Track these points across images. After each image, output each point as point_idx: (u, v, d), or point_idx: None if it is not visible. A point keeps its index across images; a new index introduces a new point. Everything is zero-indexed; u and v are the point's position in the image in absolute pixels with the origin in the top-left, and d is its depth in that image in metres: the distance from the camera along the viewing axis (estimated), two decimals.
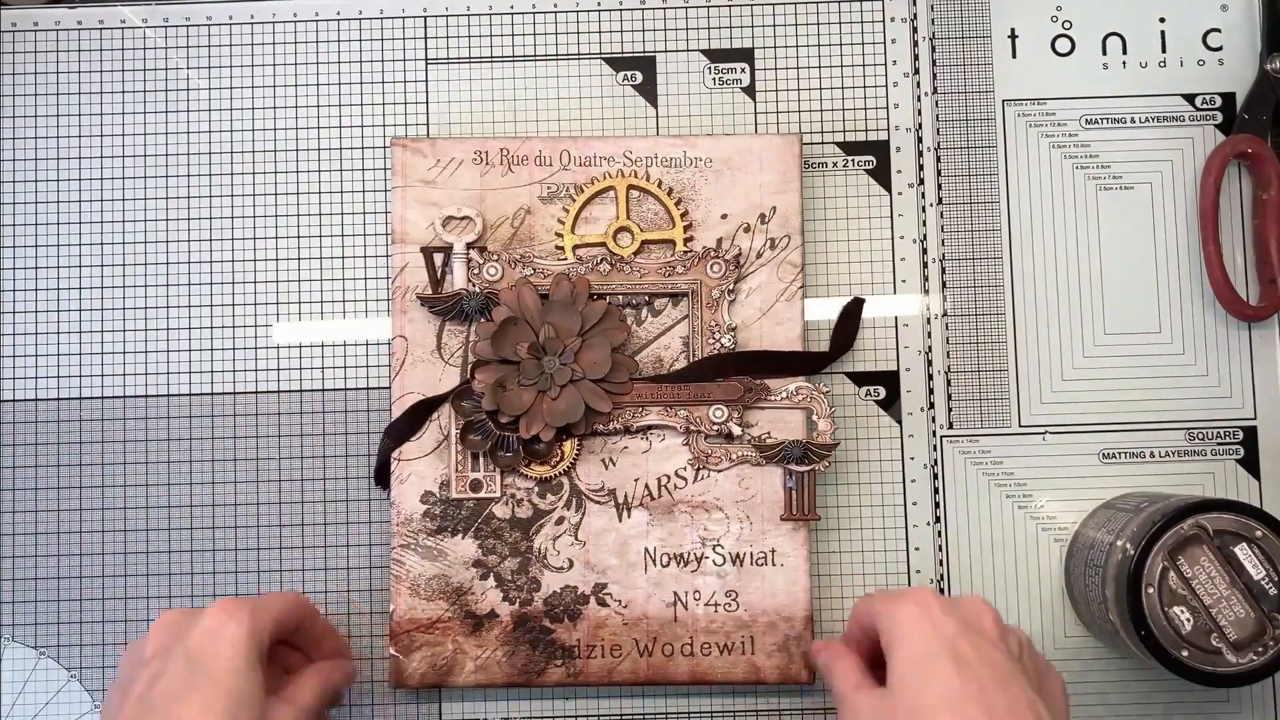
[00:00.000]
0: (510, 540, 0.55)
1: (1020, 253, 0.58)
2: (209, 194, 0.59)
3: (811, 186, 0.58)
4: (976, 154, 0.59)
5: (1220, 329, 0.57)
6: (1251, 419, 0.57)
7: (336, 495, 0.57)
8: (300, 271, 0.58)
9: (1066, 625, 0.56)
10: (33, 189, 0.59)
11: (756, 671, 0.55)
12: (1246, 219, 0.58)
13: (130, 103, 0.59)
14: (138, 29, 0.60)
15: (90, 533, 0.57)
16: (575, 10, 0.59)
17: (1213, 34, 0.59)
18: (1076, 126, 0.58)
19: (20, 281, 0.58)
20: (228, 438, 0.57)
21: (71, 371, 0.58)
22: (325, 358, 0.58)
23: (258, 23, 0.60)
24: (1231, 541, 0.49)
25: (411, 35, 0.60)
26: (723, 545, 0.55)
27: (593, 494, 0.56)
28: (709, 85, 0.59)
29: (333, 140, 0.59)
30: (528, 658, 0.55)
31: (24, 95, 0.59)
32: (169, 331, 0.58)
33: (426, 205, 0.57)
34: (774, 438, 0.55)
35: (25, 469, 0.57)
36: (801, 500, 0.55)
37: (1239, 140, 0.57)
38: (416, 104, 0.59)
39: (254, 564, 0.57)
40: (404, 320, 0.56)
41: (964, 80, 0.59)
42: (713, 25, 0.59)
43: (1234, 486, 0.57)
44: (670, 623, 0.55)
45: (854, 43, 0.59)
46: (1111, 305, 0.58)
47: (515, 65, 0.59)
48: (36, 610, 0.57)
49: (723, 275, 0.56)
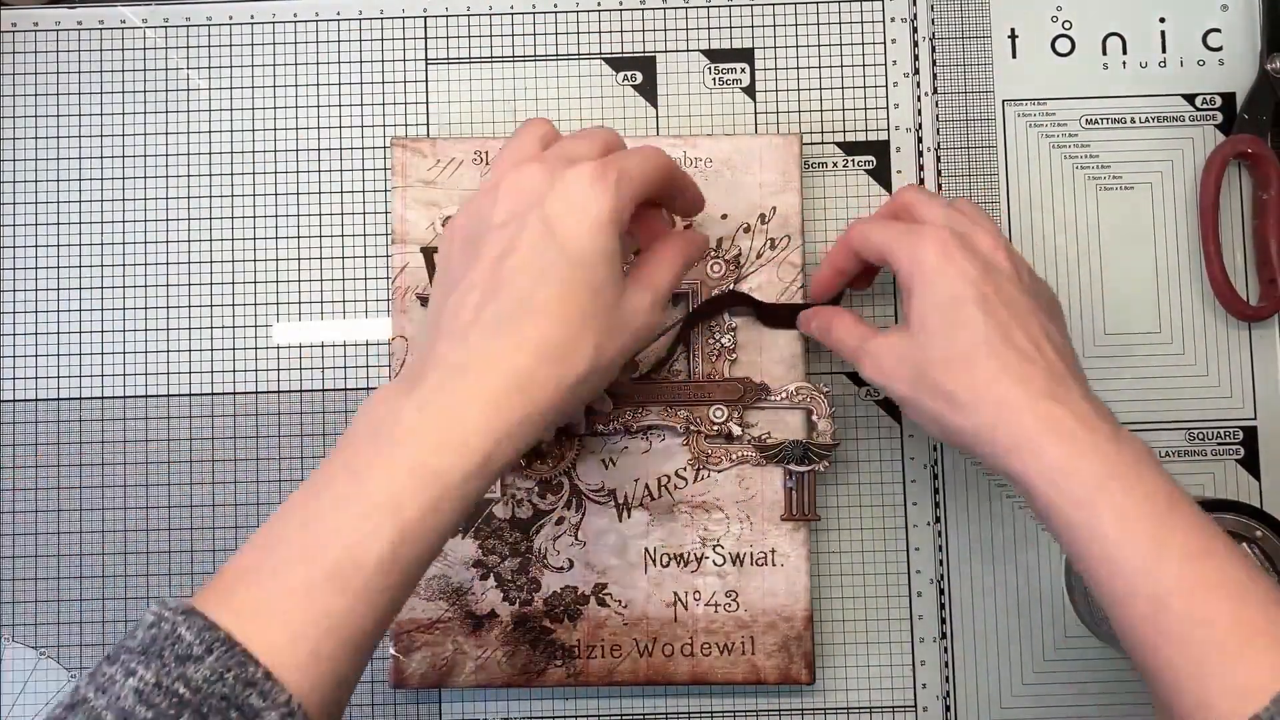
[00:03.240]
0: (510, 540, 0.55)
1: (1020, 252, 0.58)
2: (209, 194, 0.59)
3: (811, 186, 0.58)
4: (976, 154, 0.59)
5: (1220, 329, 0.57)
6: (1251, 419, 0.57)
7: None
8: (300, 271, 0.58)
9: (1067, 625, 0.56)
10: (33, 189, 0.59)
11: (756, 671, 0.55)
12: (1246, 219, 0.58)
13: (130, 103, 0.59)
14: (138, 29, 0.60)
15: (90, 533, 0.57)
16: (575, 10, 0.59)
17: (1213, 34, 0.59)
18: (1076, 126, 0.58)
19: (20, 281, 0.58)
20: (228, 438, 0.57)
21: (71, 371, 0.58)
22: (325, 358, 0.58)
23: (258, 23, 0.60)
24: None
25: (411, 35, 0.60)
26: (723, 545, 0.55)
27: (593, 494, 0.56)
28: (709, 85, 0.59)
29: (333, 140, 0.59)
30: (528, 658, 0.55)
31: (24, 95, 0.59)
32: (169, 331, 0.58)
33: (426, 205, 0.57)
34: (774, 438, 0.55)
35: (25, 469, 0.57)
36: (801, 500, 0.55)
37: (1239, 140, 0.57)
38: (416, 104, 0.59)
39: None
40: (404, 320, 0.56)
41: (964, 80, 0.59)
42: (713, 25, 0.59)
43: (1234, 486, 0.57)
44: (670, 623, 0.55)
45: (854, 43, 0.59)
46: (1111, 305, 0.58)
47: (515, 65, 0.59)
48: (36, 610, 0.57)
49: (723, 275, 0.56)
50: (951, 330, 0.45)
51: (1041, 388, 0.44)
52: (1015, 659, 0.56)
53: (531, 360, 0.40)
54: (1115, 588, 0.41)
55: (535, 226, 0.41)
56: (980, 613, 0.56)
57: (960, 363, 0.45)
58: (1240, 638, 0.38)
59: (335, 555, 0.37)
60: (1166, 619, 0.39)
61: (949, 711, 0.56)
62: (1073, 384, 0.44)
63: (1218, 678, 0.38)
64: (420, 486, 0.38)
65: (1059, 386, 0.44)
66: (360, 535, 0.37)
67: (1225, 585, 0.39)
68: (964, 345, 0.45)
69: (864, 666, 0.56)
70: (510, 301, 0.41)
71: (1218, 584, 0.39)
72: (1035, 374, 0.44)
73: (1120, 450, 0.42)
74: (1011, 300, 0.46)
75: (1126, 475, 0.41)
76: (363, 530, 0.37)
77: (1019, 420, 0.43)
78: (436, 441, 0.39)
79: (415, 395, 0.40)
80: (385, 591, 0.38)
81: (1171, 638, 0.39)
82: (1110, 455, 0.42)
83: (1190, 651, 0.38)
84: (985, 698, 0.56)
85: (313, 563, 0.37)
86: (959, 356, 0.45)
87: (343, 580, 0.37)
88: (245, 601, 0.36)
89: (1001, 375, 0.44)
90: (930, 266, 0.46)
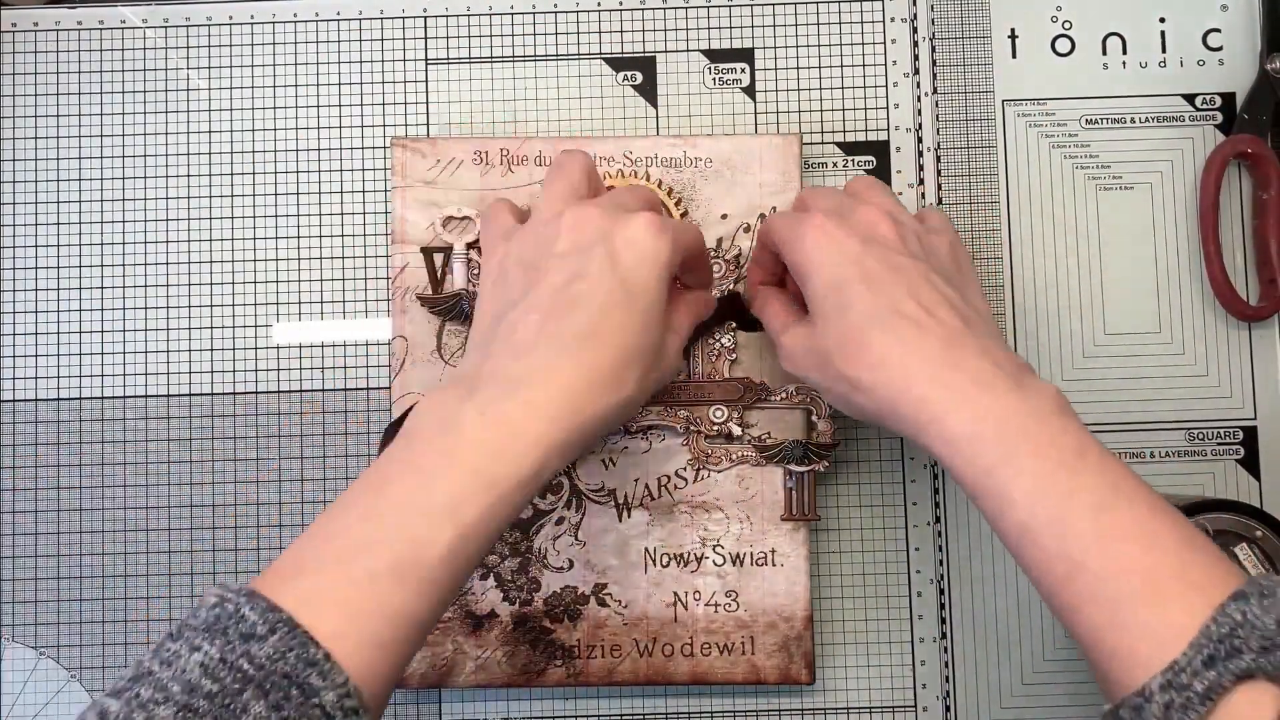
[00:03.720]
0: (510, 540, 0.55)
1: (1020, 253, 0.58)
2: (209, 194, 0.59)
3: (812, 186, 0.58)
4: (976, 154, 0.59)
5: (1220, 329, 0.57)
6: (1251, 419, 0.57)
7: (336, 495, 0.57)
8: (300, 271, 0.58)
9: None
10: (33, 189, 0.59)
11: (756, 671, 0.55)
12: (1246, 219, 0.58)
13: (130, 103, 0.59)
14: (138, 29, 0.60)
15: (90, 533, 0.57)
16: (575, 10, 0.59)
17: (1213, 34, 0.59)
18: (1076, 126, 0.58)
19: (20, 281, 0.58)
20: (228, 438, 0.57)
21: (71, 371, 0.58)
22: (325, 358, 0.58)
23: (258, 23, 0.60)
24: (1231, 541, 0.49)
25: (411, 35, 0.60)
26: (723, 545, 0.55)
27: (593, 494, 0.56)
28: (709, 85, 0.59)
29: (333, 140, 0.59)
30: (528, 658, 0.55)
31: (24, 95, 0.59)
32: (169, 331, 0.58)
33: (426, 205, 0.57)
34: (774, 438, 0.55)
35: (25, 469, 0.57)
36: (801, 500, 0.55)
37: (1239, 140, 0.57)
38: (416, 104, 0.59)
39: (254, 564, 0.57)
40: (404, 320, 0.56)
41: (964, 80, 0.59)
42: (713, 25, 0.59)
43: (1234, 486, 0.57)
44: (670, 623, 0.55)
45: (854, 43, 0.59)
46: (1111, 305, 0.58)
47: (515, 65, 0.59)
48: (36, 610, 0.57)
49: (722, 275, 0.56)
50: (841, 313, 0.45)
51: (936, 354, 0.43)
52: (1015, 659, 0.56)
53: (586, 382, 0.42)
54: (1031, 552, 0.40)
55: (601, 259, 0.44)
56: (980, 613, 0.56)
57: (854, 344, 0.45)
58: (1154, 585, 0.38)
59: (398, 550, 0.39)
60: (1084, 579, 0.39)
61: (949, 711, 0.56)
62: (970, 343, 0.44)
63: (1135, 627, 0.37)
64: (479, 491, 0.40)
65: (955, 350, 0.43)
66: (422, 533, 0.39)
67: (1136, 535, 0.39)
68: (854, 325, 0.45)
69: (864, 666, 0.56)
70: (571, 325, 0.43)
71: (1129, 534, 0.39)
72: (929, 342, 0.43)
73: (1024, 405, 0.41)
74: (897, 268, 0.45)
75: (1030, 432, 0.41)
76: (425, 528, 0.39)
77: (916, 393, 0.43)
78: (496, 449, 0.41)
79: (475, 402, 0.42)
80: (442, 586, 0.39)
81: (1088, 596, 0.39)
82: (1012, 413, 0.41)
83: (1108, 607, 0.38)
84: (985, 698, 0.56)
85: (375, 555, 0.38)
86: (852, 338, 0.45)
87: (403, 573, 0.38)
88: (306, 588, 0.38)
89: (893, 348, 0.44)
90: (811, 253, 0.46)
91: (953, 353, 0.43)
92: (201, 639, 0.36)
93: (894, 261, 0.46)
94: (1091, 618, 0.39)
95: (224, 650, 0.35)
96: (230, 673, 0.35)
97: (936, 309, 0.44)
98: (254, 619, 0.36)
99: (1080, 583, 0.39)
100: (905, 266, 0.46)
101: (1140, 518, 0.39)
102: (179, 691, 0.35)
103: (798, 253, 0.47)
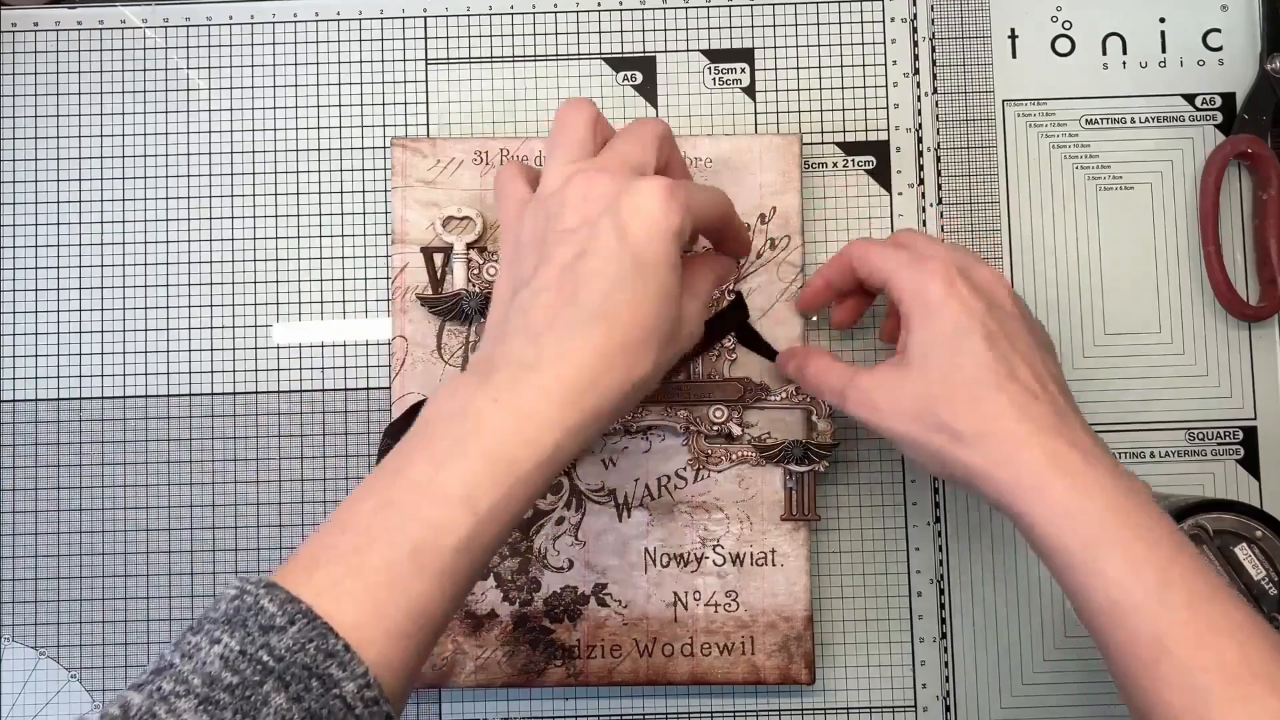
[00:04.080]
0: (510, 540, 0.55)
1: (1020, 253, 0.58)
2: (209, 194, 0.59)
3: (811, 186, 0.58)
4: (976, 154, 0.59)
5: (1220, 329, 0.57)
6: (1251, 419, 0.57)
7: (337, 495, 0.57)
8: (300, 271, 0.58)
9: (1067, 625, 0.56)
10: (33, 189, 0.59)
11: (756, 671, 0.55)
12: (1246, 219, 0.58)
13: (130, 103, 0.59)
14: (138, 29, 0.60)
15: (90, 533, 0.57)
16: (575, 10, 0.59)
17: (1213, 34, 0.59)
18: (1076, 126, 0.58)
19: (20, 281, 0.58)
20: (228, 438, 0.57)
21: (71, 371, 0.58)
22: (325, 358, 0.58)
23: (258, 23, 0.60)
24: (1231, 542, 0.49)
25: (411, 35, 0.60)
26: (723, 545, 0.55)
27: (593, 494, 0.56)
28: (709, 85, 0.59)
29: (333, 140, 0.59)
30: (528, 658, 0.55)
31: (24, 95, 0.59)
32: (169, 331, 0.58)
33: (426, 205, 0.57)
34: (774, 438, 0.55)
35: (25, 469, 0.57)
36: (801, 500, 0.55)
37: (1239, 140, 0.57)
38: (416, 104, 0.59)
39: (254, 564, 0.57)
40: (404, 320, 0.56)
41: (964, 80, 0.59)
42: (713, 25, 0.59)
43: (1234, 486, 0.57)
44: (670, 623, 0.55)
45: (854, 43, 0.59)
46: (1111, 305, 0.58)
47: (515, 65, 0.59)
48: (36, 610, 0.57)
49: None
50: (955, 363, 0.45)
51: (1047, 424, 0.44)
52: (1015, 659, 0.56)
53: (601, 361, 0.41)
54: (1116, 631, 0.41)
55: (608, 232, 0.42)
56: (980, 613, 0.56)
57: (964, 397, 0.45)
58: (1243, 683, 0.38)
59: (415, 539, 0.38)
60: (1169, 663, 0.39)
61: (949, 711, 0.56)
62: (1074, 420, 0.45)
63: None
64: (496, 477, 0.40)
65: (1063, 423, 0.44)
66: (439, 521, 0.39)
67: (1229, 630, 0.39)
68: (968, 378, 0.45)
69: (864, 666, 0.56)
70: (582, 304, 0.42)
71: (1222, 628, 0.39)
72: (1040, 410, 0.44)
73: (1122, 488, 0.42)
74: (1015, 335, 0.46)
75: (1131, 515, 0.42)
76: (442, 516, 0.39)
77: (1025, 456, 0.43)
78: (511, 435, 0.40)
79: (488, 389, 0.41)
80: (461, 574, 0.39)
81: (1173, 683, 0.39)
82: (1113, 494, 0.42)
83: (1192, 696, 0.39)
84: (985, 698, 0.56)
85: (393, 545, 0.38)
86: (963, 390, 0.45)
87: (422, 562, 0.38)
88: (325, 578, 0.38)
89: (1008, 409, 0.44)
90: (935, 298, 0.46)
91: (1062, 425, 0.44)
92: (221, 631, 0.36)
93: (1011, 327, 0.46)
94: (1171, 703, 0.39)
95: (244, 642, 0.36)
96: (250, 665, 0.35)
97: (1047, 383, 0.45)
98: (273, 610, 0.36)
99: (1167, 667, 0.39)
100: (1022, 337, 0.46)
101: (1233, 614, 0.40)
102: (200, 684, 0.35)
103: (917, 293, 0.46)
